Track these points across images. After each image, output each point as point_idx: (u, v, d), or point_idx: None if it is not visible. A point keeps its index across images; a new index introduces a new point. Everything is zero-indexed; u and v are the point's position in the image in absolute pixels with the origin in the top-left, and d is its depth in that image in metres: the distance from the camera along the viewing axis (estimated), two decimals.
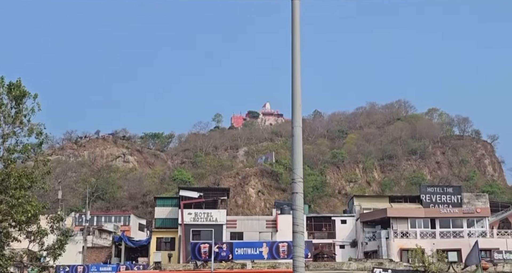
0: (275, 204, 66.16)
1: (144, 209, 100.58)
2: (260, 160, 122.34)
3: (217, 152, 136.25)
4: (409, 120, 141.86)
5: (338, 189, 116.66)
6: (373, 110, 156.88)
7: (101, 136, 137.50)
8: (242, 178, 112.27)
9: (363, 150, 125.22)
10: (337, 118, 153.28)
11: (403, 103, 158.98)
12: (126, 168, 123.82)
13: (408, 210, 53.30)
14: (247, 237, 51.86)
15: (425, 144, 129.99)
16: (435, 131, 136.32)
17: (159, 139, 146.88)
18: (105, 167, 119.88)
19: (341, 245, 54.91)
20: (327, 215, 59.92)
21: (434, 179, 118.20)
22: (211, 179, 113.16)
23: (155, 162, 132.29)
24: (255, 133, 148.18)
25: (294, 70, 10.58)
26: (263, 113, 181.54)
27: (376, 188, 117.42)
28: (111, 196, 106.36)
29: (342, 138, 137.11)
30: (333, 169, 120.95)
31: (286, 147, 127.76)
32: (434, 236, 50.82)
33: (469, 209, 53.01)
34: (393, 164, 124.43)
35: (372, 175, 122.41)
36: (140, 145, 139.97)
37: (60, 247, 27.04)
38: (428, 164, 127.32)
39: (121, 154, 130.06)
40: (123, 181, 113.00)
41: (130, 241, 56.58)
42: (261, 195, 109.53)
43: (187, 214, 52.19)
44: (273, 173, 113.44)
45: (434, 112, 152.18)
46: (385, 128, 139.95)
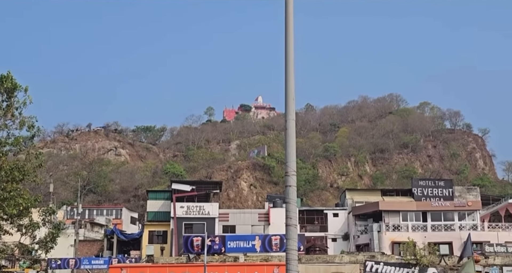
0: (268, 198, 66.24)
1: (136, 202, 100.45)
2: (252, 153, 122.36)
3: (209, 146, 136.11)
4: (401, 114, 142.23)
5: (330, 182, 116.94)
6: (365, 104, 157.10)
7: (93, 129, 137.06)
8: (234, 171, 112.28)
9: (355, 144, 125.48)
10: (329, 112, 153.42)
11: (395, 97, 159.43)
12: (118, 161, 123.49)
13: (400, 204, 53.52)
14: (240, 230, 51.93)
15: (417, 138, 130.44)
16: (426, 125, 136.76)
17: (151, 132, 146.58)
18: (97, 160, 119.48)
19: (333, 238, 55.12)
20: (319, 209, 60.08)
21: (426, 172, 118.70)
22: (203, 173, 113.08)
23: (147, 156, 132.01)
24: (247, 126, 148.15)
25: (287, 64, 10.55)
26: (256, 107, 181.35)
27: (368, 182, 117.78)
28: (103, 190, 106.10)
29: (334, 131, 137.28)
30: (325, 162, 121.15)
31: (278, 141, 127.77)
32: (426, 229, 51.09)
33: (460, 202, 53.29)
34: (384, 157, 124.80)
35: (364, 168, 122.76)
36: (132, 138, 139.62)
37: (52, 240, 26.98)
38: (420, 158, 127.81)
39: (113, 147, 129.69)
40: (115, 174, 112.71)
41: (122, 234, 56.52)
42: (253, 188, 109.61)
43: (179, 208, 52.17)
44: (265, 166, 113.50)
45: (426, 106, 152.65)
46: (377, 121, 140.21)
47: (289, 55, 10.52)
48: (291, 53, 10.53)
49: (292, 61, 10.53)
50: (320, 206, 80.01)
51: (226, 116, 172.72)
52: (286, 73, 10.57)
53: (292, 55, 10.54)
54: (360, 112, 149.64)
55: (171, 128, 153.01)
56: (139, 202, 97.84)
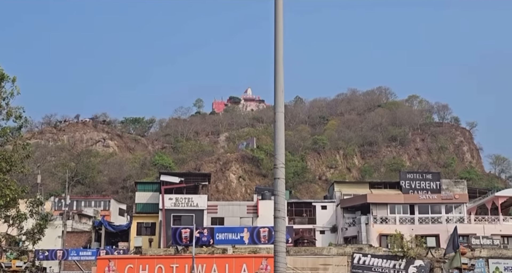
0: (256, 190, 66.36)
1: (124, 194, 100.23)
2: (241, 145, 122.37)
3: (198, 138, 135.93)
4: (390, 107, 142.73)
5: (318, 175, 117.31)
6: (354, 97, 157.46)
7: (81, 120, 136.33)
8: (223, 163, 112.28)
9: (343, 137, 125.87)
10: (318, 104, 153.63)
11: (383, 90, 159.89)
12: (106, 153, 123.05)
13: (388, 196, 53.83)
14: (228, 222, 52.02)
15: (405, 131, 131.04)
16: (415, 118, 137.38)
17: (140, 124, 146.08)
18: (85, 151, 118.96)
19: (322, 230, 55.36)
20: (308, 201, 60.29)
21: (414, 165, 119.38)
22: (192, 165, 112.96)
23: (135, 147, 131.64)
24: (236, 118, 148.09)
25: (276, 56, 10.56)
26: (245, 99, 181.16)
27: (356, 174, 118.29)
28: (91, 181, 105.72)
29: (323, 124, 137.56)
30: (313, 155, 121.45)
31: (267, 133, 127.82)
32: (413, 222, 51.46)
33: (448, 195, 53.71)
34: (373, 150, 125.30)
35: (353, 161, 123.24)
36: (121, 130, 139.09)
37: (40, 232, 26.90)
38: (408, 151, 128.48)
39: (101, 139, 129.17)
40: (103, 165, 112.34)
41: (110, 226, 56.41)
42: (242, 180, 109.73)
43: (168, 199, 52.14)
44: (254, 158, 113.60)
45: (414, 99, 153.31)
46: (366, 114, 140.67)
47: (278, 48, 10.52)
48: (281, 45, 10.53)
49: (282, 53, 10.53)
50: (308, 198, 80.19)
51: (215, 108, 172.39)
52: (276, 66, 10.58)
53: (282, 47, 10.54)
54: (349, 105, 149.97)
55: (160, 119, 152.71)
56: (128, 194, 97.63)
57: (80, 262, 45.94)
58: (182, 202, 52.44)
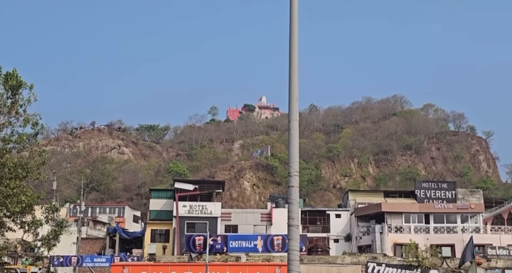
0: (270, 198, 66.19)
1: (139, 201, 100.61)
2: (255, 153, 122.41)
3: (212, 145, 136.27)
4: (405, 116, 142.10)
5: (333, 183, 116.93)
6: (369, 105, 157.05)
7: (97, 127, 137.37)
8: (237, 171, 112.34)
9: (358, 145, 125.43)
10: (332, 113, 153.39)
11: (399, 98, 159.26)
12: (121, 160, 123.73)
13: (403, 205, 53.48)
14: (242, 230, 51.94)
15: (420, 140, 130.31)
16: (430, 127, 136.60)
17: (155, 131, 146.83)
18: (100, 158, 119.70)
19: (335, 239, 55.08)
20: (322, 209, 60.02)
21: (429, 174, 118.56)
22: (206, 172, 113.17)
23: (150, 154, 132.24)
24: (251, 126, 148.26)
25: (291, 64, 10.57)
26: (259, 107, 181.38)
27: (371, 183, 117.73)
28: (105, 188, 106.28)
29: (338, 132, 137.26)
30: (328, 163, 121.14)
31: (281, 141, 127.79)
32: (428, 231, 51.02)
33: (463, 204, 53.22)
34: (388, 159, 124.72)
35: (367, 170, 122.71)
36: (136, 137, 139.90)
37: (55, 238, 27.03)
38: (423, 160, 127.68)
39: (116, 146, 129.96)
40: (118, 172, 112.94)
41: (124, 233, 56.58)
42: (256, 188, 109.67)
43: (182, 207, 52.21)
44: (268, 166, 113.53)
45: (430, 108, 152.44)
46: (381, 123, 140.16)
47: (293, 56, 10.54)
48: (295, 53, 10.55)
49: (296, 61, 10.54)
50: (322, 206, 79.89)
51: (229, 116, 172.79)
52: (290, 73, 10.59)
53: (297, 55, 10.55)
54: (364, 113, 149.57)
55: (174, 127, 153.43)
56: (142, 201, 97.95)
57: (95, 268, 46.11)
58: (196, 209, 52.48)
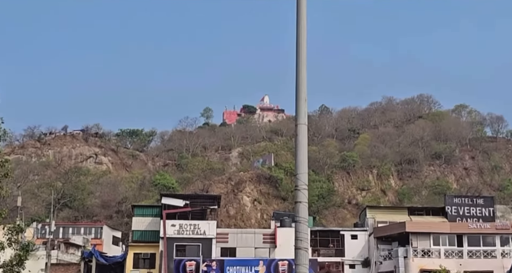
0: (274, 215, 66.18)
1: (119, 219, 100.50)
2: (256, 163, 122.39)
3: (206, 153, 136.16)
4: (433, 118, 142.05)
5: (348, 198, 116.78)
6: (390, 106, 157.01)
7: (70, 132, 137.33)
8: (236, 184, 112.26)
9: (378, 153, 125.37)
10: (347, 115, 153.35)
11: (425, 98, 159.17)
12: (98, 171, 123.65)
13: (431, 225, 53.35)
14: (241, 253, 51.85)
15: (451, 147, 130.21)
16: (463, 132, 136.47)
17: (138, 137, 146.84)
18: (74, 169, 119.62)
19: (351, 264, 54.99)
20: (335, 229, 59.99)
21: (462, 188, 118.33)
22: (198, 185, 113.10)
23: (133, 164, 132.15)
24: (251, 131, 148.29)
25: (299, 59, 10.54)
26: (261, 108, 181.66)
27: (393, 198, 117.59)
28: (80, 204, 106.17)
29: (354, 138, 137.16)
30: (342, 174, 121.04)
31: (287, 148, 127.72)
32: (461, 256, 50.90)
33: (503, 224, 53.08)
34: (413, 169, 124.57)
35: (388, 182, 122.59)
36: (116, 144, 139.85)
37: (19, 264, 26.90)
38: (455, 171, 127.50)
39: (93, 154, 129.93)
40: (94, 186, 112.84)
41: (102, 257, 56.47)
42: (257, 204, 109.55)
43: (170, 226, 52.13)
44: (271, 178, 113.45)
45: (463, 110, 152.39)
46: (404, 127, 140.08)
47: (301, 48, 10.50)
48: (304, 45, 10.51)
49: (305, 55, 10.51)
50: (336, 226, 79.77)
51: (226, 119, 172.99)
52: (298, 69, 10.56)
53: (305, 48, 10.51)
54: (384, 116, 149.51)
55: (161, 132, 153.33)
56: (123, 219, 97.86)
57: None
58: (186, 229, 52.36)
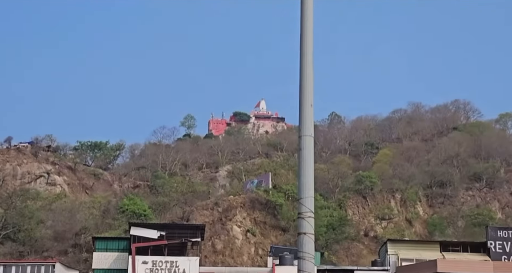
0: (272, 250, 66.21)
1: (76, 255, 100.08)
2: (250, 184, 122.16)
3: (187, 172, 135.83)
4: (471, 131, 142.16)
5: (364, 229, 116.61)
6: (417, 115, 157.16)
7: (14, 145, 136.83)
8: (224, 211, 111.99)
9: (402, 173, 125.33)
10: (364, 126, 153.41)
11: (462, 106, 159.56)
12: (51, 194, 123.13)
13: (469, 264, 53.44)
14: None
15: (495, 166, 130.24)
16: (509, 147, 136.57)
17: (102, 151, 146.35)
18: (19, 191, 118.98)
19: None
20: (348, 268, 60.15)
21: (508, 218, 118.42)
22: (177, 212, 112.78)
23: (94, 185, 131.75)
24: (244, 144, 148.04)
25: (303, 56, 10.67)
26: (256, 116, 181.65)
27: (421, 230, 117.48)
28: (26, 235, 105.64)
29: (372, 154, 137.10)
30: (357, 200, 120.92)
31: (288, 167, 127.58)
32: None
33: None
34: (446, 194, 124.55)
35: (415, 210, 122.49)
36: (73, 160, 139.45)
37: None
38: (499, 196, 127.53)
39: (44, 173, 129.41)
40: (46, 212, 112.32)
41: None
42: (251, 236, 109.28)
43: (141, 263, 52.09)
44: (268, 204, 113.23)
45: (509, 119, 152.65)
46: (435, 141, 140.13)
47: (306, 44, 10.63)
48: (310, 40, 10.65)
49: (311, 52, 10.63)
50: (349, 264, 79.64)
51: (212, 129, 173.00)
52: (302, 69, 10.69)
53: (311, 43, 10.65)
54: (410, 127, 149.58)
55: (131, 145, 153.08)
56: (81, 255, 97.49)
57: None
58: (162, 267, 52.30)
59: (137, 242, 53.34)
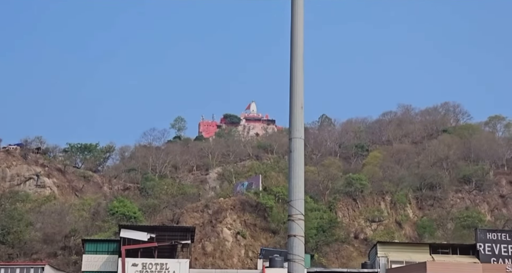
0: (262, 253, 66.21)
1: (66, 257, 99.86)
2: (240, 187, 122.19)
3: (177, 174, 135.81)
4: (461, 133, 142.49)
5: (354, 232, 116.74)
6: (407, 117, 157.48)
7: (3, 148, 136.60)
8: (214, 213, 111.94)
9: (391, 176, 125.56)
10: (354, 128, 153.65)
11: (452, 108, 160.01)
12: (40, 196, 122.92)
13: (459, 266, 53.53)
14: None
15: (484, 169, 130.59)
16: (499, 150, 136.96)
17: (92, 153, 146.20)
18: (9, 193, 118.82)
19: None
20: (338, 270, 60.14)
21: (497, 220, 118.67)
22: (167, 214, 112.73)
23: (84, 188, 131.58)
24: (234, 147, 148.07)
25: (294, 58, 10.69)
26: (246, 118, 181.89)
27: (411, 232, 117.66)
28: (16, 238, 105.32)
29: (362, 157, 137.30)
30: (347, 202, 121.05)
31: (279, 169, 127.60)
32: None
33: None
34: (436, 197, 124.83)
35: (405, 212, 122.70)
36: (63, 162, 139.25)
37: None
38: (488, 198, 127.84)
39: (34, 175, 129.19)
40: (35, 215, 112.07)
41: None
42: (241, 238, 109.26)
43: (130, 266, 52.02)
44: (259, 206, 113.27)
45: (498, 122, 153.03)
46: (425, 143, 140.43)
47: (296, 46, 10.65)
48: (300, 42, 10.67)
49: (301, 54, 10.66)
50: (339, 266, 79.73)
51: (202, 132, 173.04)
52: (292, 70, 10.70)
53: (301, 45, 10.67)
54: (400, 129, 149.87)
55: (121, 147, 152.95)
56: (71, 257, 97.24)
57: None
58: (152, 269, 52.25)
59: (127, 244, 53.31)
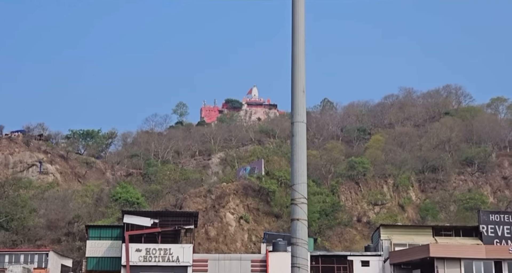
0: (265, 237, 66.27)
1: (69, 243, 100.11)
2: (243, 171, 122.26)
3: (179, 160, 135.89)
4: (463, 115, 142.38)
5: (357, 215, 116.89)
6: (409, 100, 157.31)
7: (6, 134, 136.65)
8: (217, 198, 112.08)
9: (394, 159, 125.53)
10: (356, 112, 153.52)
11: (454, 90, 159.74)
12: (43, 183, 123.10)
13: (462, 248, 53.55)
14: None
15: (487, 151, 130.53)
16: (501, 132, 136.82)
17: (94, 139, 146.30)
18: (12, 180, 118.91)
19: None
20: (342, 254, 60.19)
21: (500, 202, 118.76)
22: (170, 200, 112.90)
23: (87, 174, 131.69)
24: (236, 132, 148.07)
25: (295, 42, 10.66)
26: (248, 103, 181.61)
27: (414, 215, 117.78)
28: (19, 224, 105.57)
29: (364, 140, 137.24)
30: (350, 185, 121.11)
31: (281, 153, 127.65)
32: None
33: None
34: (438, 179, 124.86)
35: (408, 195, 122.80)
36: (65, 149, 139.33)
37: None
38: (491, 180, 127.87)
39: (36, 162, 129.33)
40: (38, 201, 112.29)
41: None
42: (244, 223, 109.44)
43: (134, 251, 52.10)
44: (261, 191, 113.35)
45: (501, 104, 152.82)
46: (427, 126, 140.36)
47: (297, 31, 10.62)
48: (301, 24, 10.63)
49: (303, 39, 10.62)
50: (342, 249, 79.85)
51: (204, 117, 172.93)
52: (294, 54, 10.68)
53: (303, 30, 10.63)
54: (402, 112, 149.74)
55: (123, 133, 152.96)
56: (75, 244, 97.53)
57: None
58: (155, 255, 52.32)
59: (130, 230, 53.41)
